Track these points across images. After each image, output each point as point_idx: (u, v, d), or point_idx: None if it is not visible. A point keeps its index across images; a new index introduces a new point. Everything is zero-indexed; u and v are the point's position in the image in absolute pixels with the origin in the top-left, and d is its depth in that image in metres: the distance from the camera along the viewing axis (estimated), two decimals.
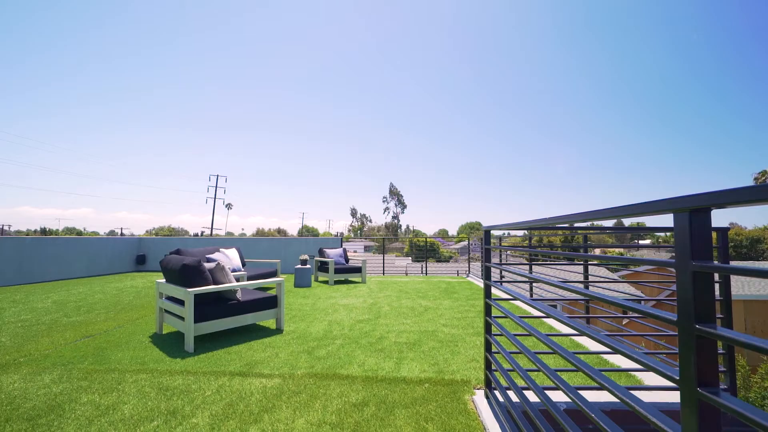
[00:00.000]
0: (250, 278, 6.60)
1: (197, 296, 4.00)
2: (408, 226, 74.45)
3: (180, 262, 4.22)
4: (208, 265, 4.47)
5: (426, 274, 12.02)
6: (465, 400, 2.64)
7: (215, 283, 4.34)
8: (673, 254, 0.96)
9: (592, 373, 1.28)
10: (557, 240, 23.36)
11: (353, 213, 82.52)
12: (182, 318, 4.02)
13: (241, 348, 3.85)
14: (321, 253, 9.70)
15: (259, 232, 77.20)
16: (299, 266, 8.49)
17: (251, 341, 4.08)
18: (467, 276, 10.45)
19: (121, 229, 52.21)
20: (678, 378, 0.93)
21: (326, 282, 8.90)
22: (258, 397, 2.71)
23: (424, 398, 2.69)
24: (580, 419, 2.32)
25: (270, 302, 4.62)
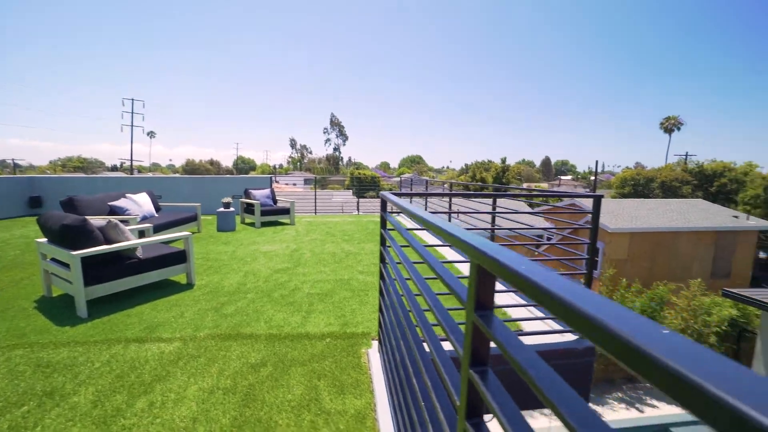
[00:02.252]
0: (159, 228, 6.14)
1: (87, 257, 3.64)
2: (350, 158, 73.22)
3: (60, 221, 3.73)
4: (97, 223, 4.02)
5: (359, 212, 12.15)
6: (360, 353, 2.85)
7: (108, 242, 3.96)
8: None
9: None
10: (489, 176, 24.72)
11: (292, 144, 78.63)
12: (71, 282, 3.68)
13: (144, 309, 3.69)
14: (247, 194, 9.24)
15: (189, 164, 71.13)
16: (222, 209, 8.07)
17: (157, 300, 3.91)
18: (398, 214, 10.74)
19: (13, 160, 44.53)
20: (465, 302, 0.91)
21: (253, 224, 8.64)
22: (153, 365, 2.67)
23: (322, 354, 2.85)
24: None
25: (178, 257, 4.38)
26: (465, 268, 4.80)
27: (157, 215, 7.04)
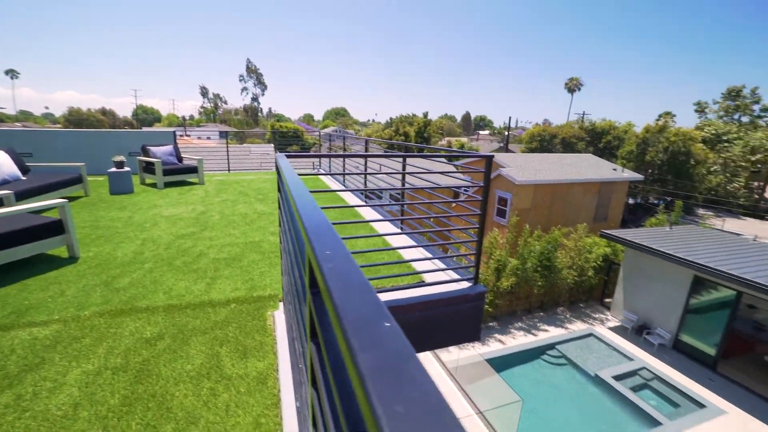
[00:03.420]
0: (26, 194, 5.20)
1: None
2: (270, 110, 67.96)
3: None
4: None
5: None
6: (266, 316, 2.85)
7: None
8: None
9: None
10: (412, 130, 25.08)
11: (204, 92, 70.28)
12: None
13: (10, 291, 3.19)
14: (144, 152, 8.20)
15: (74, 114, 59.93)
16: (114, 170, 7.08)
17: (27, 279, 3.40)
18: (317, 169, 10.49)
19: None
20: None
21: (155, 185, 7.77)
22: (21, 354, 2.37)
23: (226, 321, 2.78)
24: None
25: (52, 228, 3.80)
26: (382, 227, 4.92)
27: (24, 178, 5.94)
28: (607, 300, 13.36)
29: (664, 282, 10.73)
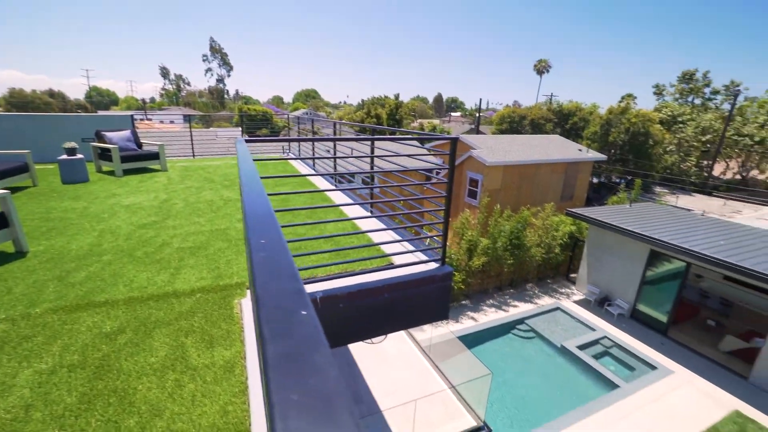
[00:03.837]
0: None
1: None
2: (237, 92, 65.03)
3: None
4: None
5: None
6: (233, 304, 2.80)
7: None
8: None
9: None
10: (384, 112, 24.81)
11: (164, 73, 66.29)
12: None
13: None
14: (100, 137, 7.72)
15: (16, 96, 55.18)
16: (65, 157, 6.63)
17: None
18: (286, 154, 10.24)
19: None
20: None
21: (113, 173, 7.35)
22: None
23: (191, 311, 2.72)
24: (329, 304, 2.77)
25: None
26: (352, 211, 4.89)
27: None
28: (573, 275, 14.05)
29: (624, 256, 11.38)
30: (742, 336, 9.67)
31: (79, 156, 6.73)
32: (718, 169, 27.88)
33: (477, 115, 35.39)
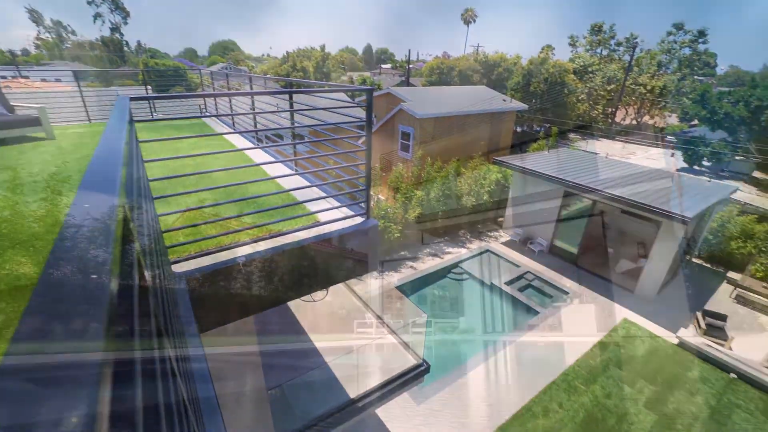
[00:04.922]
0: None
1: None
2: (140, 43, 56.12)
3: None
4: None
5: (153, 116, 9.93)
6: None
7: None
8: None
9: None
10: (310, 65, 23.37)
11: (35, 18, 54.67)
12: None
13: None
14: None
15: None
16: None
17: None
18: (203, 112, 9.32)
19: None
20: None
21: None
22: None
23: None
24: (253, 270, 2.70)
25: None
26: (274, 170, 4.67)
27: None
28: (500, 219, 15.25)
29: (543, 199, 12.56)
30: (631, 258, 11.48)
31: None
32: (619, 116, 31.19)
33: (407, 67, 35.03)
